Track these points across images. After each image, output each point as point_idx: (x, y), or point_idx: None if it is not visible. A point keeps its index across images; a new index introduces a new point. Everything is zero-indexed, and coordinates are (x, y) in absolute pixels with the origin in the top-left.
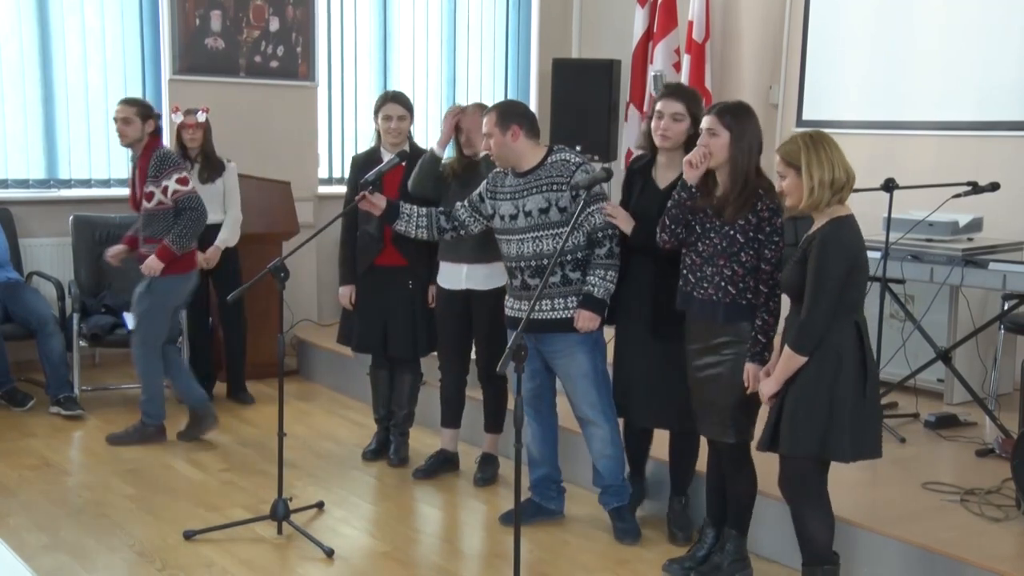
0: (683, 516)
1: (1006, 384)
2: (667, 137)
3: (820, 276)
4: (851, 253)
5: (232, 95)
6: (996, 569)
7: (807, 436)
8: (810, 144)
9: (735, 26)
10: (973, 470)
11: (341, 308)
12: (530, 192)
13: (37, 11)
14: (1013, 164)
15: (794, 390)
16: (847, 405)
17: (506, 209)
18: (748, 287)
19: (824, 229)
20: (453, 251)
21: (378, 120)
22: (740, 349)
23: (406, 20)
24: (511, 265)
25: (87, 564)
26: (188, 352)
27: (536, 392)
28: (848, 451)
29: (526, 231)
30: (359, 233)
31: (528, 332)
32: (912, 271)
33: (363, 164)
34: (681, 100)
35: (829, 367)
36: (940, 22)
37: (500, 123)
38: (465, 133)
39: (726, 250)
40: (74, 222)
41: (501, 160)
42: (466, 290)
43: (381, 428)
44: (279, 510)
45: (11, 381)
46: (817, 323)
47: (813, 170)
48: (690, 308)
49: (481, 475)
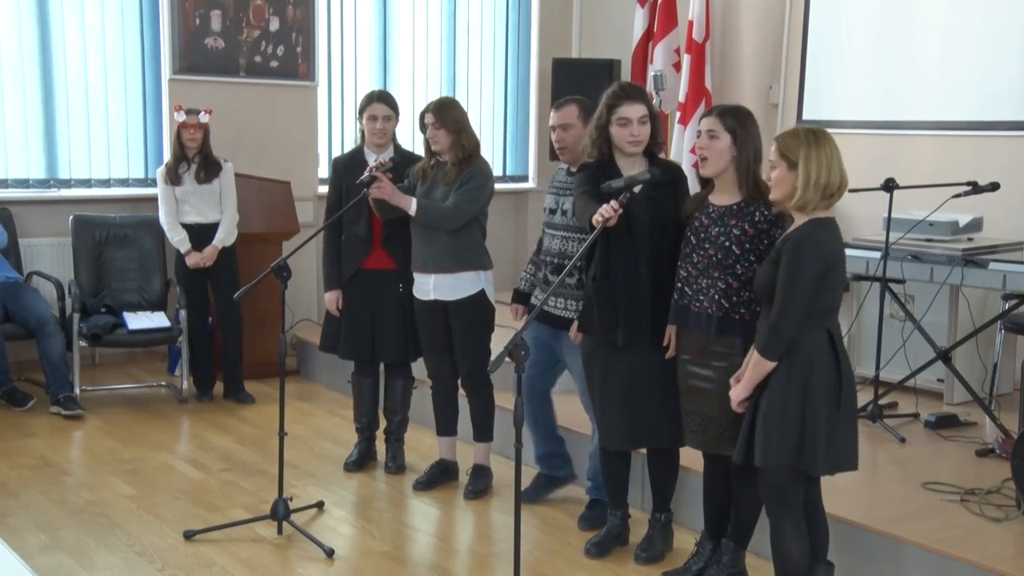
0: (667, 529)
1: (1006, 384)
2: (639, 143)
3: (792, 278)
4: (826, 256)
5: (232, 95)
6: (996, 569)
7: (780, 447)
8: (812, 141)
9: (735, 26)
10: (973, 470)
11: (325, 313)
12: (571, 193)
13: (37, 10)
14: (1013, 164)
15: (766, 399)
16: (820, 416)
17: (548, 202)
18: (742, 301)
19: (801, 229)
20: (420, 261)
21: (363, 120)
22: (732, 363)
23: (406, 20)
24: (542, 257)
25: (87, 564)
26: (187, 352)
27: (529, 381)
28: (822, 463)
29: (558, 228)
30: (344, 237)
31: (547, 324)
32: (912, 271)
33: (346, 165)
34: (643, 101)
35: (799, 374)
36: (940, 22)
37: (583, 116)
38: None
39: (721, 262)
40: (74, 222)
41: (573, 153)
42: (435, 300)
43: (363, 438)
44: (279, 510)
45: (11, 381)
46: (786, 327)
47: (811, 168)
48: (685, 321)
49: (472, 488)
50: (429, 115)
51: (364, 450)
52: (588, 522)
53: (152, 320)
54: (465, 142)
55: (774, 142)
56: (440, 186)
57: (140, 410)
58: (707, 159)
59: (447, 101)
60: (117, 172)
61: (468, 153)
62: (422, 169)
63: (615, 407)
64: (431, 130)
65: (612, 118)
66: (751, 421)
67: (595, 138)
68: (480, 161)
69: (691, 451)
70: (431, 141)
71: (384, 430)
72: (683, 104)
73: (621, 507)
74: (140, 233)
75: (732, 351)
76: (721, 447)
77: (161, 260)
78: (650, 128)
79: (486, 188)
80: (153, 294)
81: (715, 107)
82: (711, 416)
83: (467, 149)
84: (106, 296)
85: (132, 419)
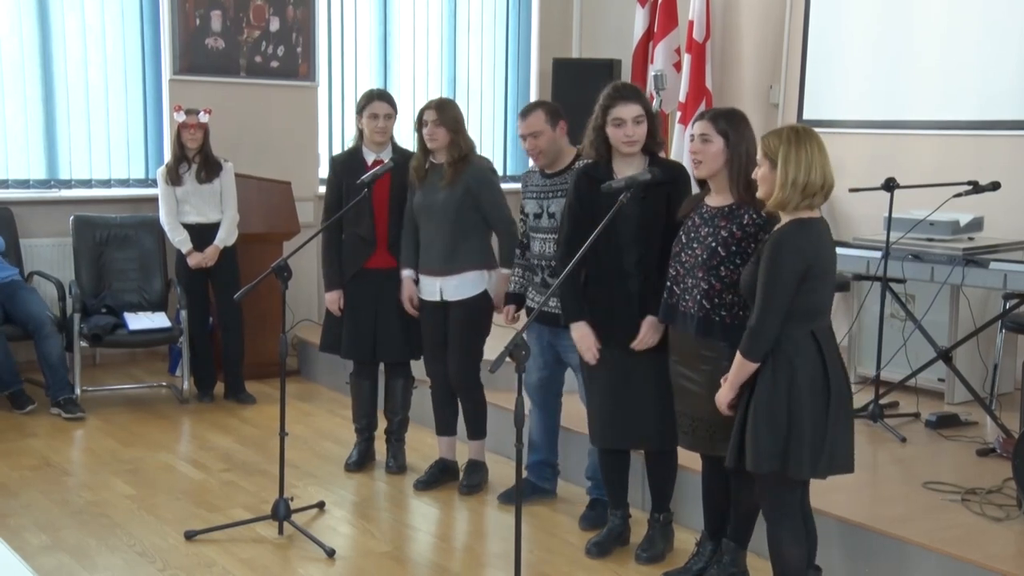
0: (667, 529)
1: (1007, 384)
2: (634, 142)
3: (769, 278)
4: (806, 257)
5: (232, 95)
6: (997, 568)
7: (767, 451)
8: (792, 140)
9: (735, 25)
10: (974, 470)
11: (325, 313)
12: (555, 195)
13: (37, 11)
14: (1014, 163)
15: (754, 403)
16: (806, 420)
17: (531, 208)
18: (724, 303)
19: (782, 229)
20: (426, 263)
21: (362, 119)
22: (715, 366)
23: (406, 20)
24: (534, 262)
25: (88, 564)
26: (188, 352)
27: (544, 382)
28: (807, 467)
29: (548, 232)
30: (345, 236)
31: (546, 325)
32: (913, 271)
33: (344, 164)
34: (638, 101)
35: (783, 378)
36: (941, 21)
37: (550, 120)
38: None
39: (706, 262)
40: (74, 222)
41: (549, 157)
42: (442, 301)
43: (362, 438)
44: (280, 510)
45: (19, 383)
46: (765, 328)
47: (789, 168)
48: (673, 320)
49: (467, 482)
50: (430, 112)
51: (364, 450)
52: (589, 522)
53: (152, 320)
54: (461, 142)
55: (759, 141)
56: (440, 189)
57: (141, 410)
58: (701, 162)
59: (448, 100)
60: (117, 172)
61: (463, 153)
62: (415, 169)
63: (602, 405)
64: (431, 127)
65: (607, 119)
66: (742, 424)
67: (592, 139)
68: (477, 159)
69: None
70: (429, 138)
71: (385, 430)
72: (683, 104)
73: (621, 507)
74: (141, 233)
75: (717, 355)
76: (712, 448)
77: (162, 260)
78: (647, 127)
79: (497, 186)
80: (153, 294)
81: (708, 111)
82: (700, 418)
83: (462, 149)
84: (107, 296)
85: (133, 419)
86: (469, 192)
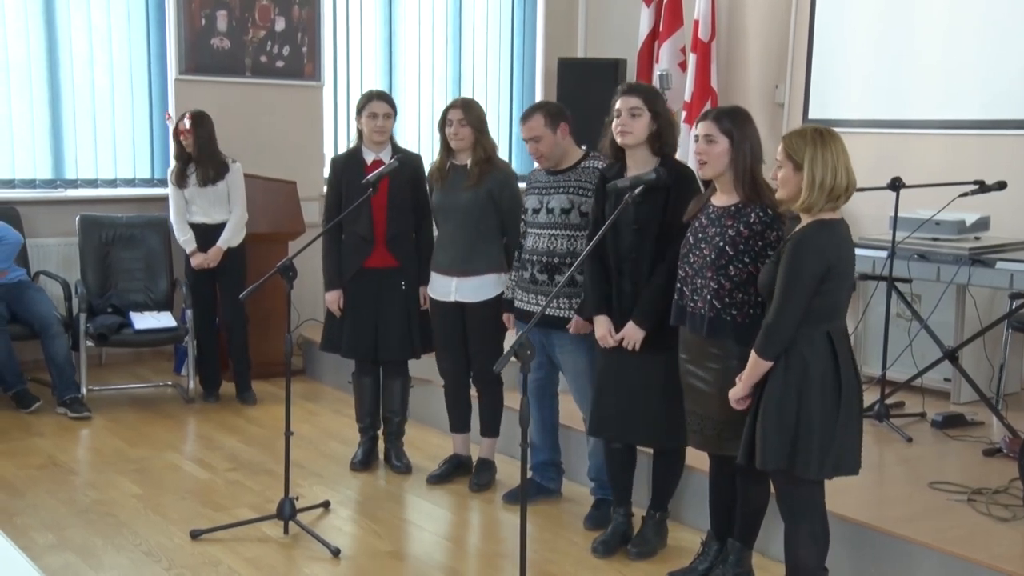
0: (661, 526)
1: (1013, 383)
2: (626, 133)
3: (789, 278)
4: (828, 258)
5: (238, 95)
6: (1003, 569)
7: (775, 450)
8: (818, 141)
9: (741, 25)
10: (980, 469)
11: (325, 313)
12: (557, 191)
13: (44, 11)
14: (1020, 163)
15: (765, 401)
16: (815, 420)
17: (531, 203)
18: (734, 302)
19: (804, 230)
20: (442, 262)
21: (362, 119)
22: (726, 365)
23: (412, 20)
24: (525, 257)
25: (94, 563)
26: (194, 352)
27: (540, 383)
28: (814, 467)
29: (544, 227)
30: (345, 236)
31: (537, 325)
32: (919, 270)
33: (344, 164)
34: (637, 95)
35: (794, 378)
36: (946, 21)
37: (550, 123)
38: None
39: (715, 262)
40: (81, 222)
41: (551, 159)
42: (456, 302)
43: (366, 437)
44: (285, 509)
45: (23, 383)
46: (781, 327)
47: (816, 170)
48: (683, 321)
49: (477, 480)
50: (455, 111)
51: (369, 450)
52: (593, 521)
53: (158, 320)
54: (485, 143)
55: (781, 141)
56: (463, 191)
57: (147, 410)
58: (706, 163)
59: (472, 100)
60: (123, 172)
61: (488, 155)
62: (437, 170)
63: (604, 398)
64: (456, 126)
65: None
66: (753, 422)
67: (610, 140)
68: (500, 162)
69: (696, 451)
70: (453, 137)
71: (384, 431)
72: (689, 103)
73: (624, 504)
74: (146, 233)
75: (726, 354)
76: (720, 447)
77: (167, 260)
78: (651, 126)
79: (519, 195)
80: (159, 294)
81: (710, 110)
82: (708, 416)
83: (487, 150)
84: (113, 296)
85: (139, 419)
86: (492, 196)
